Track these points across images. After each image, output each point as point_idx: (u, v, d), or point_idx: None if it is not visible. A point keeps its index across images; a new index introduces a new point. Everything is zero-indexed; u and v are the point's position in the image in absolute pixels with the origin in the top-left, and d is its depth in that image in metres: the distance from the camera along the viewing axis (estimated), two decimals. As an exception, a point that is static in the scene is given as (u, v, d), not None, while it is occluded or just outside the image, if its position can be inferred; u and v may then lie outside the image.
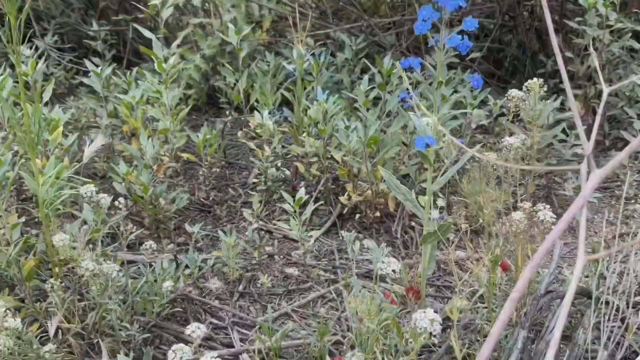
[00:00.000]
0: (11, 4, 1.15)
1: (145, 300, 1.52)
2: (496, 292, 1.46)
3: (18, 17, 1.25)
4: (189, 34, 3.04)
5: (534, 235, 1.23)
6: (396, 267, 1.10)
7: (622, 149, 2.34)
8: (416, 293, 1.18)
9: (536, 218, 1.20)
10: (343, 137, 2.05)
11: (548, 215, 1.19)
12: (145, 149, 1.94)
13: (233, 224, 2.20)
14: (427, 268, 1.26)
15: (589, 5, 2.69)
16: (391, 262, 1.11)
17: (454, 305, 1.29)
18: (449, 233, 1.15)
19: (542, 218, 1.19)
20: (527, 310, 1.18)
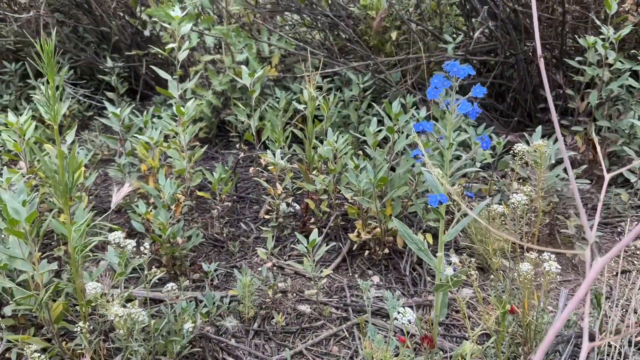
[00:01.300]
0: (50, 69, 1.23)
1: (166, 340, 1.58)
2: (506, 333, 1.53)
3: (54, 77, 1.33)
4: (201, 70, 3.14)
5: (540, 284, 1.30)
6: (412, 317, 1.17)
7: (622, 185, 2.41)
8: (430, 342, 1.25)
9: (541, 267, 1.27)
10: (353, 176, 2.13)
11: (553, 267, 1.26)
12: (164, 189, 2.02)
13: (246, 259, 2.26)
14: (440, 315, 1.33)
15: (589, 45, 2.79)
16: (407, 312, 1.18)
17: (464, 350, 1.35)
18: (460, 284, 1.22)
19: (547, 269, 1.26)
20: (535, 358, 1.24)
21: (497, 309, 1.23)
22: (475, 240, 1.83)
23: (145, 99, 3.78)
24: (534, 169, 2.02)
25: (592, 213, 2.61)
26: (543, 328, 1.44)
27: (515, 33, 3.14)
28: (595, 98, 2.81)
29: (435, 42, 3.18)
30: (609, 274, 2.15)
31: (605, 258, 0.63)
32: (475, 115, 1.15)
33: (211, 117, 3.18)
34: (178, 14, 2.41)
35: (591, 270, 0.63)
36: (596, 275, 0.64)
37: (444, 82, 1.14)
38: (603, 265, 0.63)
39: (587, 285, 0.60)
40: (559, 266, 1.29)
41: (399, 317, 1.17)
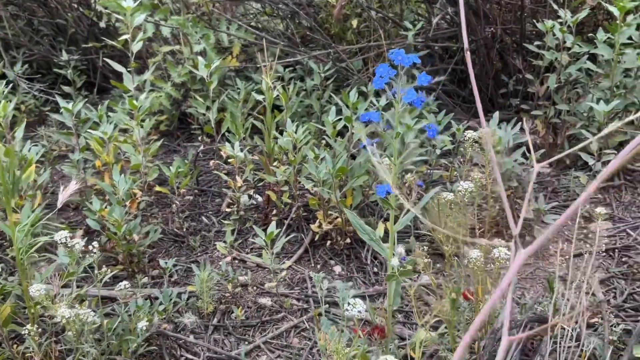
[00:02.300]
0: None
1: (120, 340, 1.55)
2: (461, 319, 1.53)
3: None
4: (160, 61, 3.08)
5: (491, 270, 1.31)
6: (362, 308, 1.16)
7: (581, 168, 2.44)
8: (381, 332, 1.24)
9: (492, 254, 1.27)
10: (313, 167, 2.12)
11: (503, 253, 1.26)
12: (118, 185, 1.98)
13: (207, 254, 2.24)
14: (393, 303, 1.33)
15: (547, 29, 2.81)
16: (357, 303, 1.17)
17: (418, 338, 1.36)
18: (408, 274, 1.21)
19: (497, 255, 1.26)
20: (485, 344, 1.25)
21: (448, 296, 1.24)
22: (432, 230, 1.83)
23: (104, 92, 3.70)
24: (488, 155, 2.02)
25: (552, 196, 2.64)
26: (495, 313, 1.45)
27: (475, 19, 3.14)
28: (554, 82, 2.83)
29: (396, 29, 3.17)
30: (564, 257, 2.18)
31: (528, 250, 0.63)
32: (421, 104, 1.14)
33: (171, 110, 3.13)
34: (130, 5, 2.35)
35: (515, 261, 0.62)
36: (519, 267, 0.63)
37: (389, 72, 1.13)
38: (527, 255, 0.62)
39: (509, 277, 0.60)
40: (509, 252, 1.29)
41: (349, 308, 1.16)
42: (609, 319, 1.68)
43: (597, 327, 1.67)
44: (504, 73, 3.40)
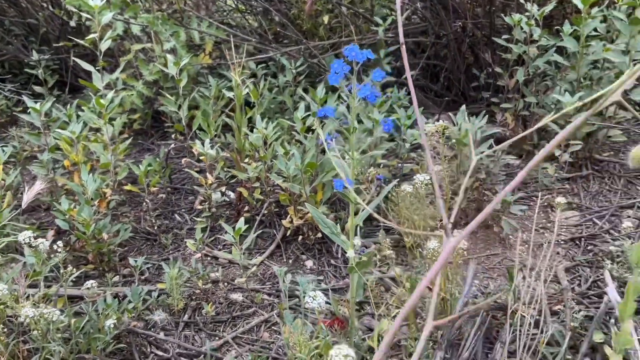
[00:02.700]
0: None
1: (89, 338, 1.56)
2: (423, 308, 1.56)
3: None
4: (132, 59, 3.07)
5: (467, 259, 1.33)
6: (322, 300, 1.18)
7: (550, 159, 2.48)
8: (341, 323, 1.27)
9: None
10: (282, 163, 2.13)
11: (462, 243, 1.29)
12: (87, 184, 1.97)
13: (179, 251, 2.24)
14: (356, 295, 1.35)
15: (515, 23, 2.85)
16: (318, 295, 1.19)
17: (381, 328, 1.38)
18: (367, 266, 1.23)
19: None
20: (443, 332, 1.28)
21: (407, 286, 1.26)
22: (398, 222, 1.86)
23: (77, 91, 3.68)
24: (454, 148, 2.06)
25: (521, 187, 2.68)
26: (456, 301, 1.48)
27: (444, 13, 3.17)
28: (522, 75, 2.87)
29: (367, 24, 3.19)
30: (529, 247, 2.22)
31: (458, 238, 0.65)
32: (375, 99, 1.16)
33: (144, 108, 3.12)
34: (97, 3, 2.34)
35: (444, 250, 0.65)
36: (448, 255, 0.65)
37: (344, 67, 1.15)
38: (457, 243, 0.64)
39: (438, 265, 0.62)
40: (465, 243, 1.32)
41: (309, 300, 1.18)
42: (571, 306, 1.72)
43: (560, 314, 1.71)
44: (475, 67, 3.43)
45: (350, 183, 1.20)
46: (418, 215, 1.39)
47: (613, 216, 2.42)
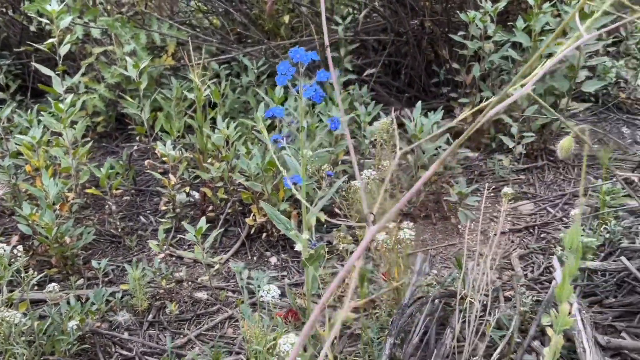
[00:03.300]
0: None
1: (53, 340, 1.58)
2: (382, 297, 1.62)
3: None
4: (93, 62, 3.07)
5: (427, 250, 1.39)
6: (276, 293, 1.23)
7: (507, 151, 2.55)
8: (295, 315, 1.32)
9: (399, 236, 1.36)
10: (244, 162, 2.17)
11: (407, 234, 1.35)
12: (48, 189, 1.99)
13: (144, 252, 2.27)
14: (312, 288, 1.40)
15: (470, 19, 2.93)
16: (271, 289, 1.24)
17: (334, 319, 1.43)
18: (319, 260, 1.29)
19: (402, 236, 1.35)
20: (393, 319, 1.34)
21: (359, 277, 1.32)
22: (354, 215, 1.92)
23: (40, 95, 3.65)
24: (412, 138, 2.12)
25: (479, 179, 2.76)
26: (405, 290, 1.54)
27: (402, 11, 3.24)
28: (478, 70, 2.96)
29: (327, 23, 3.24)
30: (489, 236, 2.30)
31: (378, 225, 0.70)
32: (320, 99, 1.21)
33: (108, 111, 3.12)
34: (55, 8, 2.34)
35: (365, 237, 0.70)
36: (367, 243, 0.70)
37: (290, 69, 1.20)
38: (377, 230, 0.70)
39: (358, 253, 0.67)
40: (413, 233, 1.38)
41: (263, 294, 1.23)
42: (522, 292, 1.80)
43: (512, 299, 1.79)
44: (436, 63, 3.51)
45: (299, 180, 1.24)
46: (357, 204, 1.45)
47: (566, 204, 2.52)
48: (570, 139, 1.16)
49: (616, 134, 3.27)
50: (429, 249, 2.24)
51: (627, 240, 2.12)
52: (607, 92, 3.65)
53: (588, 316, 1.55)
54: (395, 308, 1.56)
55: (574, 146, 1.12)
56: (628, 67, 3.71)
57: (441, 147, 2.41)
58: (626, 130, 3.31)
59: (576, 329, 1.51)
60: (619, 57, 3.91)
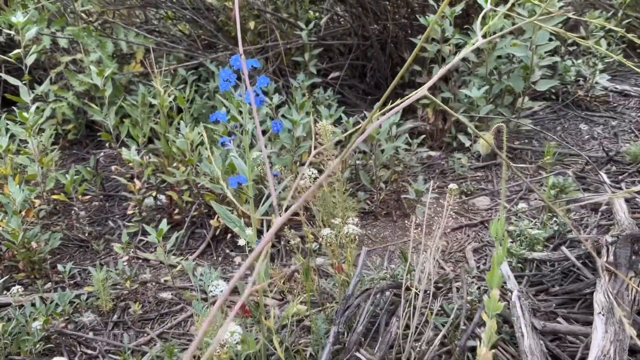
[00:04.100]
0: None
1: (17, 340, 1.64)
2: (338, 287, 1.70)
3: None
4: (62, 71, 3.12)
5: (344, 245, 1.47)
6: (224, 288, 1.30)
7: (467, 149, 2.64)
8: (245, 310, 1.39)
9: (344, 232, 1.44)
10: (207, 166, 2.24)
11: (351, 229, 1.43)
12: (15, 196, 2.04)
13: (111, 256, 2.32)
14: (262, 281, 1.48)
15: (429, 23, 3.03)
16: (220, 284, 1.31)
17: (289, 311, 1.51)
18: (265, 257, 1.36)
19: (347, 231, 1.43)
20: (338, 309, 1.42)
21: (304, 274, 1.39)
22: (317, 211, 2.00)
23: (11, 104, 3.69)
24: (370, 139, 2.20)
25: (440, 177, 2.86)
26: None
27: (365, 15, 3.33)
28: (437, 72, 3.05)
29: (292, 29, 3.32)
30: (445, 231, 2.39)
31: (281, 219, 0.78)
32: (261, 104, 1.29)
33: (77, 118, 3.17)
34: (20, 19, 2.39)
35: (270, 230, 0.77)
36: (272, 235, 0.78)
37: (231, 76, 1.27)
38: (280, 223, 0.77)
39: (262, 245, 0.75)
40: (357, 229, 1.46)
41: (213, 290, 1.30)
42: (469, 282, 1.89)
43: (459, 289, 1.88)
44: (401, 66, 3.61)
45: (244, 180, 1.32)
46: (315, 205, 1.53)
47: (522, 199, 2.62)
48: (490, 136, 1.24)
49: (574, 131, 3.39)
50: (388, 245, 2.32)
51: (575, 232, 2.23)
52: (567, 90, 3.77)
53: (527, 303, 1.64)
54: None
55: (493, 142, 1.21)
56: (588, 66, 3.83)
57: (400, 147, 2.50)
58: (584, 127, 3.43)
59: (515, 315, 1.60)
60: (580, 56, 4.04)
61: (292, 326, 1.67)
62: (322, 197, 1.80)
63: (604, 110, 3.59)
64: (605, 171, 2.74)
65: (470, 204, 2.61)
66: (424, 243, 1.63)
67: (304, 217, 1.54)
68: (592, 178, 2.69)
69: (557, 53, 3.85)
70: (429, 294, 1.54)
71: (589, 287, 1.76)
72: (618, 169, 2.77)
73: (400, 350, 1.53)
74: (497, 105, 3.02)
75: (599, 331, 1.32)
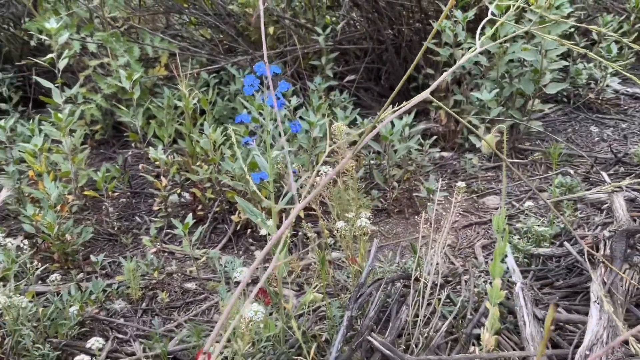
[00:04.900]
0: None
1: (55, 324, 1.78)
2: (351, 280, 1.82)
3: None
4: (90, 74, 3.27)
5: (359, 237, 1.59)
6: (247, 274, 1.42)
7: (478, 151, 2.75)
8: (264, 293, 1.51)
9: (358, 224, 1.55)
10: (229, 164, 2.37)
11: (364, 222, 1.54)
12: (50, 192, 2.19)
13: (138, 249, 2.46)
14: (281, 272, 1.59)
15: (442, 28, 3.14)
16: (243, 270, 1.44)
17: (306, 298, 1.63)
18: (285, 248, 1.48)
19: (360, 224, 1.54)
20: (351, 295, 1.53)
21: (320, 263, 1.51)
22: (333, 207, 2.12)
23: (41, 106, 3.86)
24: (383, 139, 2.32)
25: (452, 177, 2.96)
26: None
27: (380, 20, 3.45)
28: (450, 75, 3.16)
29: (309, 34, 3.45)
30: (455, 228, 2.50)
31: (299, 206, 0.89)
32: (281, 107, 1.41)
33: (105, 120, 3.33)
34: (53, 25, 2.55)
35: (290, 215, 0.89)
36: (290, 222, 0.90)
37: (255, 81, 1.39)
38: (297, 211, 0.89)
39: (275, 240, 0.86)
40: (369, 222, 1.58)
41: (237, 275, 1.42)
42: (477, 275, 1.99)
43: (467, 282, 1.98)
44: (414, 69, 3.72)
45: (265, 176, 1.44)
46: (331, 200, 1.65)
47: (531, 199, 2.71)
48: (491, 136, 1.35)
49: (584, 133, 3.47)
50: (400, 241, 2.43)
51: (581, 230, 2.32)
52: (578, 92, 3.85)
53: (530, 294, 1.75)
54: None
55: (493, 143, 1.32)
56: (600, 69, 3.90)
57: (413, 147, 2.61)
58: (594, 129, 3.51)
59: (518, 305, 1.70)
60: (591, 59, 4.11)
61: (309, 314, 1.79)
62: (337, 195, 1.92)
63: (615, 112, 3.66)
64: (613, 172, 2.82)
65: (481, 203, 2.71)
66: (433, 238, 1.74)
67: (319, 212, 1.65)
68: (598, 178, 2.78)
69: (569, 56, 3.93)
70: (437, 285, 1.65)
71: (589, 281, 1.86)
72: (626, 170, 2.85)
73: (410, 336, 1.64)
74: (508, 107, 3.11)
75: (593, 318, 1.42)
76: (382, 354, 1.47)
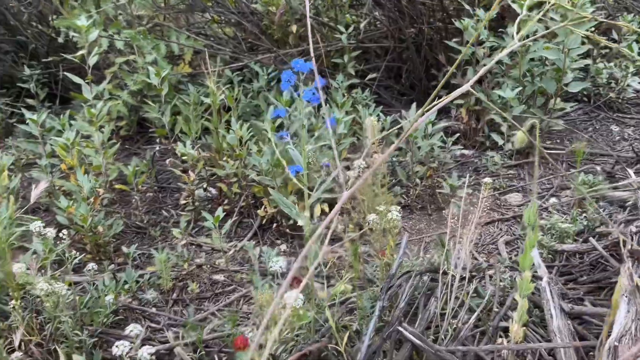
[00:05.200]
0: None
1: (91, 312, 1.83)
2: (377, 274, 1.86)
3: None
4: (116, 71, 3.33)
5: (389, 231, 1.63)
6: (282, 264, 1.47)
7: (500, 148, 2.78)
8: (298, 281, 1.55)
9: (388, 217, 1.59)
10: (255, 159, 2.42)
11: (394, 214, 1.58)
12: (83, 184, 2.24)
13: (167, 242, 2.52)
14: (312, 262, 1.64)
15: (464, 27, 3.16)
16: (278, 260, 1.48)
17: (337, 289, 1.67)
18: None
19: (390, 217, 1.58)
20: (383, 286, 1.57)
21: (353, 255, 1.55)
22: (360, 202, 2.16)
23: (66, 102, 3.93)
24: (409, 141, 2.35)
25: (473, 174, 2.99)
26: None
27: (401, 19, 3.48)
28: (472, 74, 3.18)
29: (332, 32, 3.48)
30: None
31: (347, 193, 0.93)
32: (317, 101, 1.45)
33: (130, 116, 3.39)
34: (84, 23, 2.61)
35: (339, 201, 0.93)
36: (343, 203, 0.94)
37: (292, 77, 1.43)
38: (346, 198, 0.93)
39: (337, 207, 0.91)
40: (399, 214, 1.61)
41: (273, 265, 1.47)
42: (502, 270, 2.02)
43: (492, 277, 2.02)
44: (435, 67, 3.74)
45: (300, 169, 1.48)
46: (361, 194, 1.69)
47: (553, 196, 2.73)
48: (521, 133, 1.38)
49: (605, 132, 3.48)
50: (423, 237, 2.47)
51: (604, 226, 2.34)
52: (599, 92, 3.85)
53: (556, 288, 1.77)
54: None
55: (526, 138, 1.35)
56: (620, 68, 3.90)
57: (435, 145, 2.64)
58: (615, 128, 3.51)
59: (545, 299, 1.73)
60: (612, 59, 4.11)
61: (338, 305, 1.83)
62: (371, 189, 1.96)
63: (635, 112, 3.67)
64: (635, 170, 2.83)
65: (503, 200, 2.74)
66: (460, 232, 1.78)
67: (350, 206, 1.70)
68: (622, 176, 2.79)
69: (590, 56, 3.93)
70: (465, 278, 1.68)
71: (615, 276, 1.88)
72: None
73: (438, 328, 1.67)
74: (530, 106, 3.13)
75: (622, 311, 1.45)
76: (413, 344, 1.51)
